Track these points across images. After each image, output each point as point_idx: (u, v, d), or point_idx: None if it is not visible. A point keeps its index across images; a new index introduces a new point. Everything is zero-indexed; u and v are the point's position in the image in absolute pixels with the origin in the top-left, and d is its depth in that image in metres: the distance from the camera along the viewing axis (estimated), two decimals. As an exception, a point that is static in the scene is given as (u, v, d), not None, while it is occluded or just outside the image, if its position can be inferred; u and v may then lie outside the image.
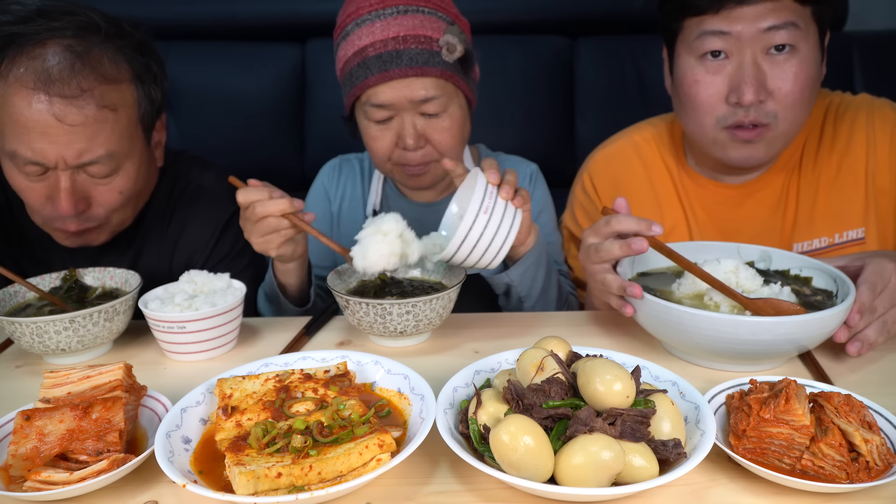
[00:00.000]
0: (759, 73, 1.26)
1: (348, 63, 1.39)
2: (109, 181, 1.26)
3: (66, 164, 1.19)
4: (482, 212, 1.09)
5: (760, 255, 1.21)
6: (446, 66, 1.36)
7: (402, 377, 0.94)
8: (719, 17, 1.25)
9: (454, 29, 1.36)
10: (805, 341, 0.98)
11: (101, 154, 1.21)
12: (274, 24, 2.96)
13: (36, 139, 1.17)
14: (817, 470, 0.76)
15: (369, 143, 1.44)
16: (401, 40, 1.34)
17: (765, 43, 1.25)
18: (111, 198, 1.28)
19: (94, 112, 1.19)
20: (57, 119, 1.16)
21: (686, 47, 1.32)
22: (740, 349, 0.98)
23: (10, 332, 1.08)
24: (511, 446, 0.70)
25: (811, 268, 1.15)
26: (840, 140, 1.41)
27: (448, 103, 1.39)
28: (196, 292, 1.17)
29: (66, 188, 1.21)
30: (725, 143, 1.33)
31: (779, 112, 1.28)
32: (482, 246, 1.10)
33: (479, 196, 1.09)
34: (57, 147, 1.17)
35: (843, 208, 1.40)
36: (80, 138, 1.18)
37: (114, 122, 1.22)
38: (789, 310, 1.00)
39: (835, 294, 1.08)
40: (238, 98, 2.88)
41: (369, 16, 1.36)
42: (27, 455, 0.79)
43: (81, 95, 1.17)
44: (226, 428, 0.82)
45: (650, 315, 1.04)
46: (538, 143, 2.71)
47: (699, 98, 1.31)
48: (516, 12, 2.73)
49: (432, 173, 1.47)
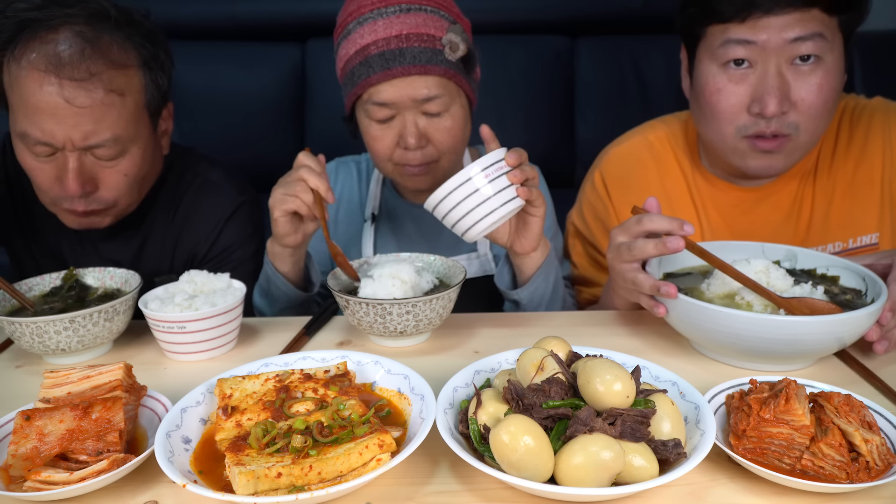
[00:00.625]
0: (783, 83, 1.24)
1: (350, 61, 1.39)
2: (115, 164, 1.30)
3: (73, 145, 1.23)
4: (483, 174, 1.09)
5: (786, 255, 1.20)
6: (449, 65, 1.36)
7: (402, 377, 0.93)
8: (745, 25, 1.23)
9: (457, 28, 1.35)
10: (845, 339, 0.98)
11: (107, 137, 1.25)
12: (274, 24, 2.96)
13: (45, 120, 1.21)
14: (817, 470, 0.76)
15: (370, 142, 1.43)
16: (403, 38, 1.33)
17: (790, 53, 1.22)
18: (117, 180, 1.31)
19: (102, 96, 1.23)
20: (66, 101, 1.20)
21: (709, 54, 1.30)
22: (778, 349, 0.97)
23: (10, 332, 1.08)
24: (511, 446, 0.70)
25: (838, 266, 1.15)
26: (856, 145, 1.39)
27: (450, 103, 1.39)
28: (196, 292, 1.17)
29: (73, 168, 1.25)
30: (745, 153, 1.32)
31: (801, 123, 1.26)
32: (466, 206, 1.11)
33: (488, 160, 1.10)
34: (65, 128, 1.21)
35: (858, 213, 1.38)
36: (88, 121, 1.22)
37: (121, 106, 1.26)
38: (824, 308, 1.00)
39: (864, 292, 1.08)
40: (238, 98, 2.88)
41: (371, 14, 1.35)
42: (27, 455, 0.79)
43: (90, 79, 1.22)
44: (226, 428, 0.82)
45: (683, 315, 1.04)
46: (538, 142, 2.72)
47: (720, 106, 1.29)
48: (516, 12, 2.73)
49: (432, 175, 1.46)
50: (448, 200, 1.11)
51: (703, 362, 1.09)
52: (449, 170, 1.45)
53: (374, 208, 1.60)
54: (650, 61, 2.77)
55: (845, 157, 1.40)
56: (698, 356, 1.11)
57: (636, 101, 2.77)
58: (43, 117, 1.21)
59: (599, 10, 2.80)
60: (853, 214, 1.39)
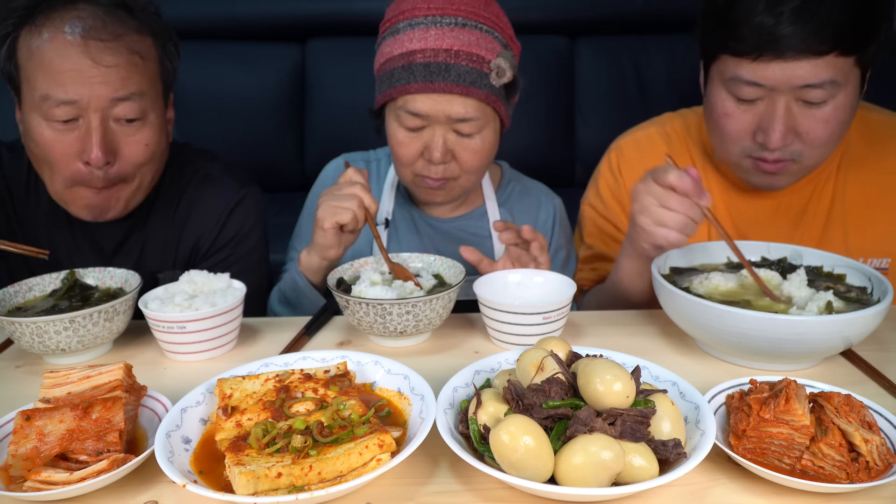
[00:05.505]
0: (790, 118, 1.22)
1: (392, 61, 1.34)
2: (136, 131, 1.30)
3: (98, 104, 1.24)
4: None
5: (792, 253, 1.21)
6: (491, 90, 1.32)
7: (402, 377, 0.93)
8: (755, 64, 1.19)
9: (507, 54, 1.32)
10: (851, 338, 0.98)
11: (133, 91, 1.27)
12: (274, 24, 2.96)
13: (71, 79, 1.22)
14: (817, 470, 0.76)
15: (395, 146, 1.40)
16: (453, 54, 1.29)
17: (799, 94, 1.20)
18: (137, 150, 1.31)
19: (127, 56, 1.26)
20: (93, 61, 1.22)
21: (720, 78, 1.28)
22: (784, 348, 0.98)
23: (10, 332, 1.08)
24: (511, 446, 0.70)
25: (843, 266, 1.15)
26: (885, 168, 1.38)
27: (483, 126, 1.35)
28: (196, 292, 1.17)
29: (97, 131, 1.25)
30: (749, 170, 1.32)
31: (804, 151, 1.26)
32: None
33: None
34: (90, 87, 1.23)
35: (871, 236, 1.38)
36: (114, 78, 1.24)
37: (143, 67, 1.30)
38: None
39: (870, 291, 1.08)
40: (238, 98, 2.88)
41: (425, 20, 1.31)
42: (27, 455, 0.79)
43: (114, 40, 1.24)
44: (226, 428, 0.82)
45: (689, 314, 1.04)
46: (538, 142, 2.72)
47: (726, 129, 1.29)
48: (516, 12, 2.73)
49: (447, 190, 1.43)
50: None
51: (709, 361, 1.09)
52: (467, 188, 1.44)
53: (388, 213, 1.57)
54: (650, 61, 2.77)
55: (869, 173, 1.38)
56: (703, 355, 1.11)
57: (636, 101, 2.77)
58: (68, 77, 1.22)
59: (599, 10, 2.80)
60: (866, 236, 1.37)
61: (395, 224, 1.57)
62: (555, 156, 2.77)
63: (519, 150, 1.83)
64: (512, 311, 1.10)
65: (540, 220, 1.59)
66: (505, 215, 1.58)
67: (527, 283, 1.23)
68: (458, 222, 1.57)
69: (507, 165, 1.68)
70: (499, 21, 1.36)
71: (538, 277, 1.23)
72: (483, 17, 1.33)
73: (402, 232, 1.57)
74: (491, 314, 1.13)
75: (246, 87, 2.87)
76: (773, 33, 1.15)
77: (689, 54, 2.35)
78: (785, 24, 1.14)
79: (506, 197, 1.60)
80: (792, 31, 1.14)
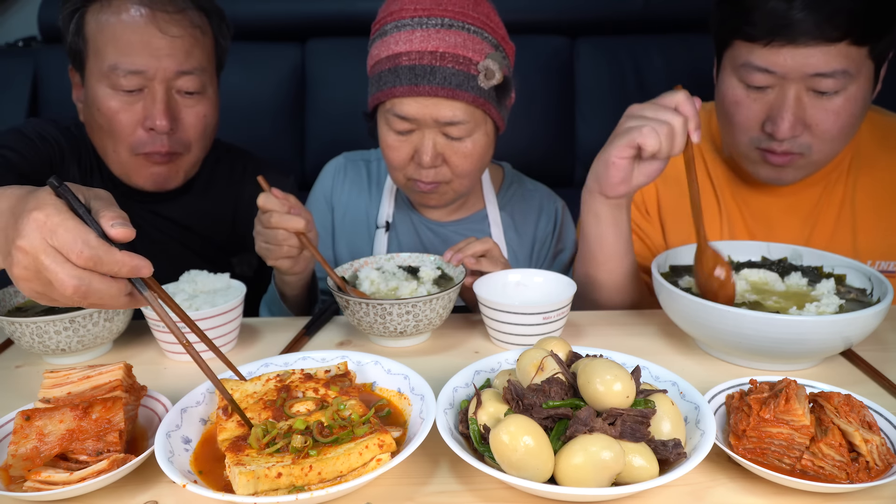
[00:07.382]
0: (800, 108, 1.22)
1: (380, 64, 1.33)
2: (196, 103, 1.39)
3: (164, 75, 1.32)
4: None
5: (792, 253, 1.21)
6: (479, 93, 1.29)
7: (402, 377, 0.93)
8: (767, 50, 1.19)
9: (497, 55, 1.29)
10: (851, 338, 0.98)
11: (195, 65, 1.36)
12: (274, 24, 2.96)
13: (139, 50, 1.30)
14: (817, 470, 0.76)
15: (385, 150, 1.39)
16: (438, 56, 1.26)
17: (810, 84, 1.20)
18: (196, 122, 1.40)
19: (191, 29, 1.35)
20: (161, 32, 1.31)
21: (732, 65, 1.28)
22: (784, 348, 0.98)
23: (10, 332, 1.08)
24: (511, 446, 0.70)
25: (843, 266, 1.15)
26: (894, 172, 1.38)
27: (474, 129, 1.33)
28: (196, 292, 1.17)
29: (161, 100, 1.33)
30: (756, 162, 1.32)
31: (814, 145, 1.25)
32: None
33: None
34: (157, 58, 1.31)
35: (880, 238, 1.37)
36: (180, 50, 1.33)
37: (204, 41, 1.39)
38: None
39: (870, 292, 1.08)
40: (238, 98, 2.88)
41: (411, 21, 1.29)
42: (27, 455, 0.79)
43: (180, 13, 1.34)
44: (226, 428, 0.82)
45: (689, 314, 1.04)
46: (538, 142, 2.71)
47: (736, 118, 1.29)
48: (516, 12, 2.72)
49: (440, 194, 1.41)
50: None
51: (709, 361, 1.09)
52: (460, 192, 1.43)
53: (388, 216, 1.56)
54: (650, 61, 2.77)
55: (880, 175, 1.38)
56: (703, 355, 1.11)
57: (636, 101, 2.77)
58: (136, 47, 1.29)
59: (599, 10, 2.80)
60: (877, 237, 1.37)
61: (396, 227, 1.57)
62: (555, 156, 2.77)
63: (519, 151, 1.83)
64: (512, 311, 1.10)
65: (540, 227, 1.59)
66: (505, 218, 1.57)
67: (527, 283, 1.23)
68: (458, 225, 1.57)
69: (509, 167, 1.67)
70: (489, 21, 1.33)
71: (538, 277, 1.23)
72: (471, 18, 1.30)
73: (402, 235, 1.56)
74: (491, 314, 1.13)
75: (245, 86, 2.87)
76: (785, 18, 1.16)
77: (690, 55, 2.35)
78: (798, 9, 1.15)
79: (507, 200, 1.60)
80: (804, 16, 1.14)
